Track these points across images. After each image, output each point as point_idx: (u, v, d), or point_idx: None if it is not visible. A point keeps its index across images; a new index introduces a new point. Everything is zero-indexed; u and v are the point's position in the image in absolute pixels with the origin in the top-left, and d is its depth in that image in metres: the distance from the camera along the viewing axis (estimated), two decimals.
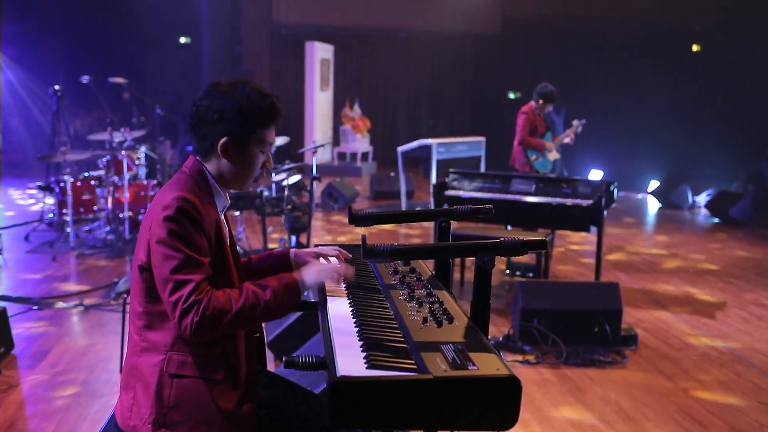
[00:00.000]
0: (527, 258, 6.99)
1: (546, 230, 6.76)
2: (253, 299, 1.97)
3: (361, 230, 8.60)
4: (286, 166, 6.87)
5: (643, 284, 6.61)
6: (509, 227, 6.88)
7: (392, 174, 11.67)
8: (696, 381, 4.32)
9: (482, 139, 10.57)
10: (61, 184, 7.62)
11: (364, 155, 15.96)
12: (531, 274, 6.55)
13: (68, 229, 7.46)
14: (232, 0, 15.99)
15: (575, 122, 7.73)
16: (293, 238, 7.22)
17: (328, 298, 2.08)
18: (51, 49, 15.73)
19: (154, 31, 16.29)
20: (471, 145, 10.36)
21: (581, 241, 8.62)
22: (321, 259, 2.32)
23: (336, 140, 16.28)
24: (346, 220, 2.44)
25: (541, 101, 7.26)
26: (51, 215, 8.21)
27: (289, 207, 6.79)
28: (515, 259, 6.96)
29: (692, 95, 14.24)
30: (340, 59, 16.78)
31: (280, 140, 7.48)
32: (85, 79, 7.59)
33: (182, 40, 17.36)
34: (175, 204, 1.94)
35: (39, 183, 8.39)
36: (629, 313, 5.57)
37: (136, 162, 7.93)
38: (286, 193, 6.83)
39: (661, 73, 14.73)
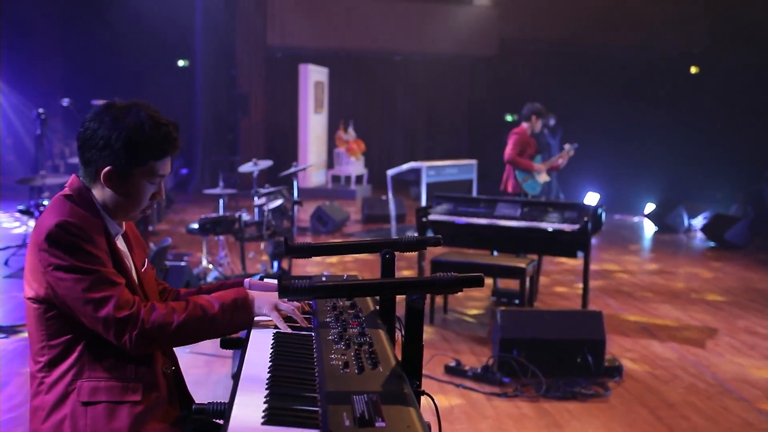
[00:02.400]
0: (515, 284, 6.80)
1: (534, 255, 6.60)
2: (198, 312, 1.89)
3: (350, 257, 8.43)
4: (266, 190, 6.72)
5: (633, 311, 6.41)
6: (495, 253, 6.72)
7: (384, 197, 11.52)
8: (681, 416, 4.12)
9: (474, 162, 10.42)
10: (40, 208, 7.47)
11: (359, 178, 15.84)
12: (517, 301, 6.36)
13: None
14: (226, 23, 15.95)
15: (567, 146, 7.74)
16: (275, 264, 7.05)
17: (252, 335, 1.91)
18: (47, 74, 15.69)
19: (152, 54, 16.26)
20: (462, 168, 10.20)
21: (576, 265, 8.42)
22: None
23: (330, 163, 16.19)
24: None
25: (534, 117, 7.17)
26: None
27: (269, 232, 6.63)
28: (502, 284, 6.79)
29: (690, 117, 14.12)
30: (335, 82, 16.72)
31: (263, 163, 7.32)
32: (65, 101, 7.49)
33: (180, 63, 17.32)
34: (57, 228, 1.82)
35: (20, 207, 8.24)
36: (616, 342, 5.38)
37: None
38: (266, 217, 6.67)
39: (659, 95, 14.64)
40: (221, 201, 7.26)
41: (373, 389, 1.49)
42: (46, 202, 7.33)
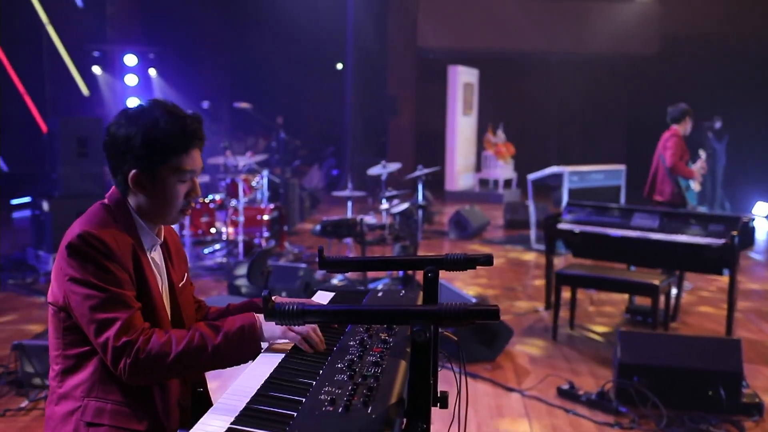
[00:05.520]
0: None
1: (675, 271, 6.03)
2: (199, 342, 1.75)
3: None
4: (390, 193, 6.61)
5: None
6: (633, 267, 6.21)
7: (527, 203, 11.11)
8: None
9: (622, 167, 9.76)
10: None
11: (507, 182, 15.43)
12: (651, 320, 5.82)
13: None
14: (377, 26, 16.10)
15: (702, 153, 6.99)
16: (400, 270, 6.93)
17: (261, 354, 1.77)
18: (208, 73, 16.47)
19: (306, 59, 16.76)
20: (609, 174, 9.58)
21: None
22: None
23: (478, 166, 15.93)
24: (473, 248, 2.11)
25: (687, 117, 6.55)
26: None
27: (392, 236, 6.51)
28: (639, 300, 6.26)
29: None
30: (485, 83, 16.39)
31: (392, 166, 7.22)
32: (205, 104, 7.78)
33: (339, 66, 17.71)
34: (78, 239, 1.75)
35: None
36: (764, 375, 4.76)
37: (254, 185, 7.99)
38: (389, 221, 6.56)
39: None
40: (349, 203, 7.25)
41: None
42: None
